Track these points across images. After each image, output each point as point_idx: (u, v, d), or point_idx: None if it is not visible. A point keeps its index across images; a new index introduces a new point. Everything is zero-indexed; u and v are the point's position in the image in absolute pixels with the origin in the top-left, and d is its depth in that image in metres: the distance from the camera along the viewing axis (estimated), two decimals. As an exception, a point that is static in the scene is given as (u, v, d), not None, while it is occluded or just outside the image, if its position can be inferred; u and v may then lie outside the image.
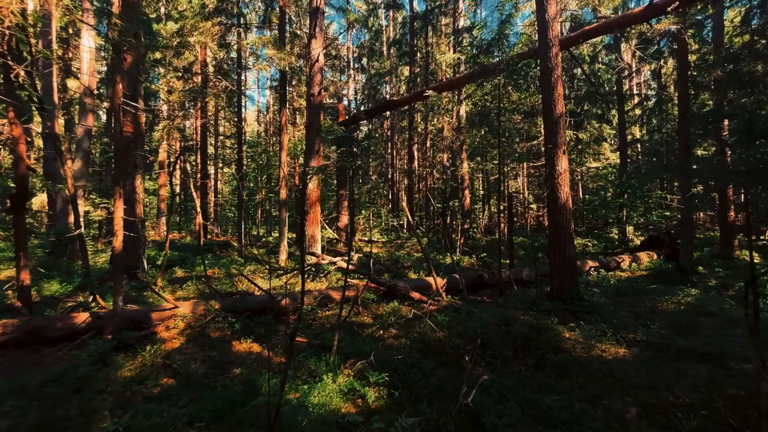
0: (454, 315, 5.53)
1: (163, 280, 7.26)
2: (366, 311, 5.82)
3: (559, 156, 6.45)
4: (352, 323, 5.27)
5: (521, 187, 22.27)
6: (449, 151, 15.47)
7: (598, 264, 9.88)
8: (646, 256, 11.34)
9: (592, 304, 6.00)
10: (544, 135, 6.79)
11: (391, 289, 6.42)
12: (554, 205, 6.41)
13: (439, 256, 11.69)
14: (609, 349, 4.60)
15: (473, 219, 13.85)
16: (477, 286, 7.96)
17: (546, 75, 6.67)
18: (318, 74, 8.59)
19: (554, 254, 6.36)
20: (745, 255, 12.70)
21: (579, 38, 7.65)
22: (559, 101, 6.54)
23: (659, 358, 4.37)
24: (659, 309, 6.06)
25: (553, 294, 6.32)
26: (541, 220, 23.44)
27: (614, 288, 7.47)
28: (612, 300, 6.78)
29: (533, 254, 13.20)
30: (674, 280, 8.65)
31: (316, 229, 8.25)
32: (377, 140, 21.52)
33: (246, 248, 12.89)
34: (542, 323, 5.03)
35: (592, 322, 5.43)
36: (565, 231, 6.27)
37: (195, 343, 4.46)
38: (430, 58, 17.03)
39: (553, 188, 6.43)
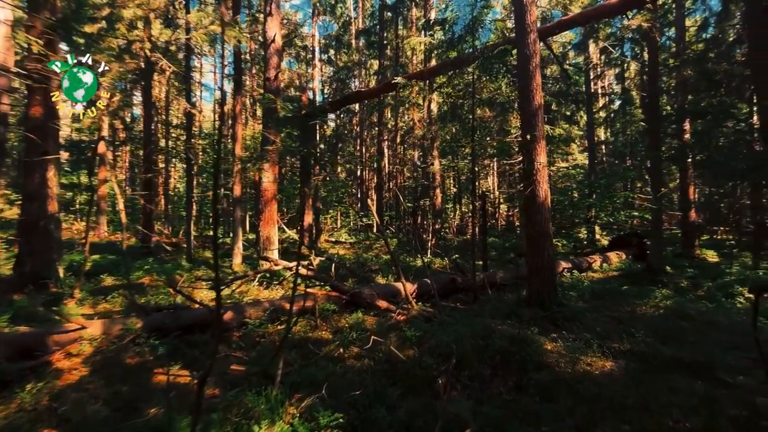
0: (425, 327, 4.96)
1: (82, 291, 6.18)
2: (325, 324, 5.13)
3: (537, 151, 6.07)
4: (308, 340, 4.57)
5: (492, 187, 22.33)
6: (420, 148, 15.03)
7: (571, 265, 9.73)
8: (616, 257, 11.41)
9: (572, 309, 5.65)
10: (521, 128, 6.40)
11: (354, 298, 5.76)
12: (532, 204, 6.01)
13: (409, 259, 11.16)
14: (595, 362, 4.20)
15: (445, 219, 13.48)
16: (450, 290, 7.47)
17: (524, 63, 6.27)
18: (275, 56, 7.77)
19: (532, 256, 5.96)
20: (705, 254, 13.17)
21: (555, 29, 7.40)
22: (538, 91, 6.16)
23: (648, 371, 4.02)
24: (638, 313, 5.82)
25: (531, 299, 5.92)
26: (511, 220, 23.64)
27: (590, 290, 7.23)
28: (590, 304, 6.49)
29: (506, 255, 13.05)
30: (645, 280, 8.61)
31: (272, 230, 7.44)
32: (345, 136, 20.80)
33: (197, 251, 11.75)
34: (522, 334, 4.58)
35: (573, 331, 5.05)
36: (543, 231, 5.88)
37: (102, 374, 3.59)
38: (400, 51, 16.54)
39: (531, 185, 6.03)
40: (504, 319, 5.44)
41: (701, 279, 8.57)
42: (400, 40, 15.21)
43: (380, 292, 6.33)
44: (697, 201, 14.62)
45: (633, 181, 19.19)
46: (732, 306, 6.60)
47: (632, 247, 12.22)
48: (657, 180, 9.88)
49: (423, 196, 13.98)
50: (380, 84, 10.53)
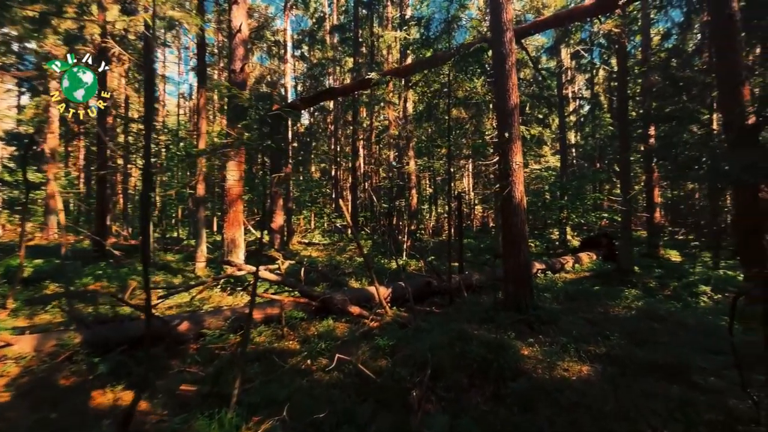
0: (399, 334, 4.75)
1: (17, 300, 5.54)
2: (292, 333, 4.81)
3: (513, 151, 6.00)
4: (273, 351, 4.24)
5: (467, 188, 22.52)
6: (396, 148, 14.89)
7: (545, 266, 9.84)
8: (587, 257, 11.68)
9: (548, 312, 5.61)
10: (498, 128, 6.33)
11: (325, 304, 5.47)
12: (508, 205, 5.94)
13: (384, 261, 10.95)
14: (572, 367, 4.13)
15: (420, 220, 13.38)
16: (425, 293, 7.31)
17: (500, 62, 6.20)
18: (241, 47, 7.35)
19: (508, 258, 5.88)
20: (668, 254, 13.74)
21: (531, 29, 7.43)
22: (514, 91, 6.10)
23: (624, 375, 3.98)
24: (612, 315, 5.86)
25: (508, 302, 5.84)
26: (486, 221, 23.96)
27: (564, 292, 7.27)
28: (564, 306, 6.51)
29: (481, 256, 13.10)
30: (615, 280, 8.81)
31: (237, 231, 7.01)
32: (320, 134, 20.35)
33: (157, 254, 11.03)
34: (499, 340, 4.45)
35: (550, 335, 4.99)
36: (519, 233, 5.82)
37: (29, 398, 3.14)
38: (376, 49, 16.34)
39: (508, 186, 5.96)
40: (480, 324, 5.32)
41: (667, 279, 8.84)
42: (375, 38, 15.01)
43: (353, 297, 6.06)
44: (661, 203, 15.26)
45: (602, 183, 19.86)
46: (697, 305, 6.83)
47: (602, 248, 12.56)
48: (626, 182, 10.15)
49: (398, 196, 13.83)
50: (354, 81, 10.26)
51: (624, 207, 9.17)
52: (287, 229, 13.77)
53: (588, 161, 23.07)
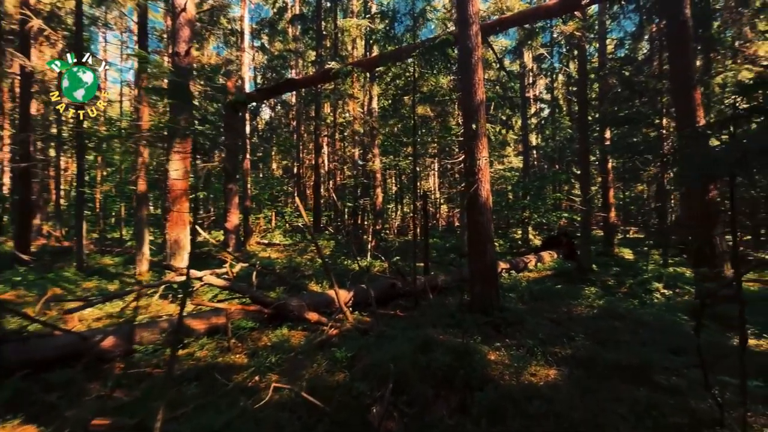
0: (360, 342, 4.43)
1: None
2: (241, 345, 4.34)
3: (479, 148, 5.87)
4: (216, 367, 3.77)
5: (433, 187, 22.63)
6: (360, 145, 14.56)
7: (509, 266, 9.92)
8: (549, 256, 11.95)
9: (514, 313, 5.52)
10: (463, 124, 6.18)
11: (279, 310, 5.04)
12: (474, 204, 5.80)
13: (348, 262, 10.59)
14: (539, 371, 4.01)
15: (386, 219, 13.14)
16: (389, 296, 7.05)
17: (465, 56, 6.04)
18: (186, 28, 6.69)
19: (474, 259, 5.74)
20: (622, 252, 14.44)
21: (496, 26, 7.40)
22: (480, 86, 5.97)
23: (591, 378, 3.91)
24: (575, 314, 5.88)
25: (474, 304, 5.69)
26: (452, 220, 24.22)
27: (529, 291, 7.28)
28: (529, 306, 6.49)
29: (447, 256, 13.08)
30: (576, 279, 9.02)
31: (182, 232, 6.36)
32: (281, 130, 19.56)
33: (92, 256, 9.96)
34: (465, 345, 4.26)
35: (516, 337, 4.89)
36: (485, 233, 5.69)
37: None
38: (340, 42, 15.90)
39: (474, 185, 5.81)
40: (446, 328, 5.13)
41: (624, 277, 9.17)
42: (339, 30, 14.59)
43: (311, 302, 5.67)
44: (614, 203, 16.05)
45: (561, 184, 20.64)
46: (651, 302, 7.07)
47: (562, 247, 12.93)
48: (586, 183, 10.47)
49: (363, 195, 13.50)
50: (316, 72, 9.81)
51: (584, 207, 9.41)
52: (244, 229, 13.02)
53: (548, 162, 23.97)
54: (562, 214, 15.10)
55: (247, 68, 13.96)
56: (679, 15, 6.57)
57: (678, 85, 6.66)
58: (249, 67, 18.79)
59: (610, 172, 15.43)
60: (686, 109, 6.40)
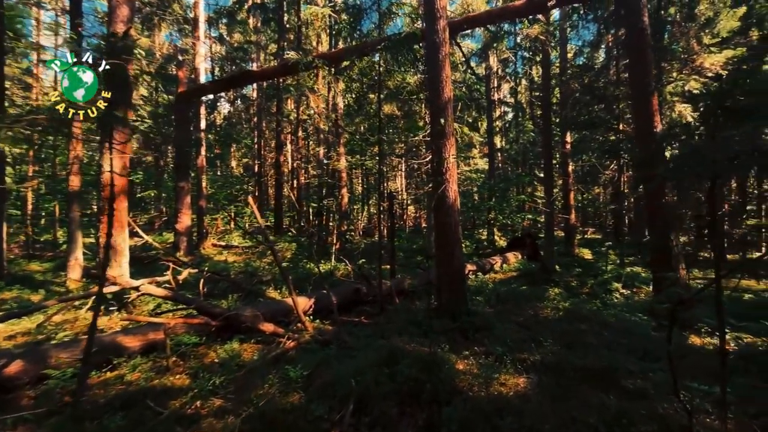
0: (320, 355, 4.10)
1: None
2: (183, 364, 3.87)
3: (447, 147, 5.72)
4: (151, 392, 3.30)
5: (400, 188, 22.55)
6: (325, 143, 14.12)
7: (476, 267, 9.92)
8: (513, 257, 12.15)
9: (482, 318, 5.40)
10: (431, 122, 6.01)
11: (231, 322, 4.59)
12: (441, 205, 5.64)
13: (310, 265, 10.15)
14: (508, 380, 3.87)
15: (351, 220, 12.81)
16: (354, 301, 6.74)
17: (432, 52, 5.88)
18: (124, 6, 6.01)
19: (442, 262, 5.57)
20: (582, 253, 15.02)
21: (464, 23, 7.33)
22: (447, 83, 5.82)
23: (560, 385, 3.82)
24: (541, 317, 5.87)
25: (441, 309, 5.52)
26: (418, 221, 24.26)
27: (495, 294, 7.24)
28: (496, 309, 6.43)
29: (413, 258, 12.95)
30: (540, 280, 9.17)
31: (120, 234, 5.68)
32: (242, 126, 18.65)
33: (17, 262, 8.84)
34: (433, 354, 4.06)
35: (484, 343, 4.75)
36: (453, 235, 5.54)
37: None
38: (304, 36, 15.38)
39: (441, 184, 5.65)
40: (413, 335, 4.91)
41: (585, 277, 9.43)
42: (303, 23, 14.08)
43: (268, 311, 5.25)
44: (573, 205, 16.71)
45: (524, 186, 21.25)
46: (611, 302, 7.26)
47: (526, 248, 13.21)
48: (549, 185, 10.70)
49: (328, 195, 13.09)
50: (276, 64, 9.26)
51: (548, 208, 9.59)
52: (198, 230, 12.18)
53: (512, 165, 24.66)
54: (526, 216, 15.46)
55: (203, 59, 13.11)
56: (638, 23, 6.78)
57: (637, 91, 6.87)
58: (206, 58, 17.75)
59: (570, 174, 16.03)
60: (645, 115, 6.60)
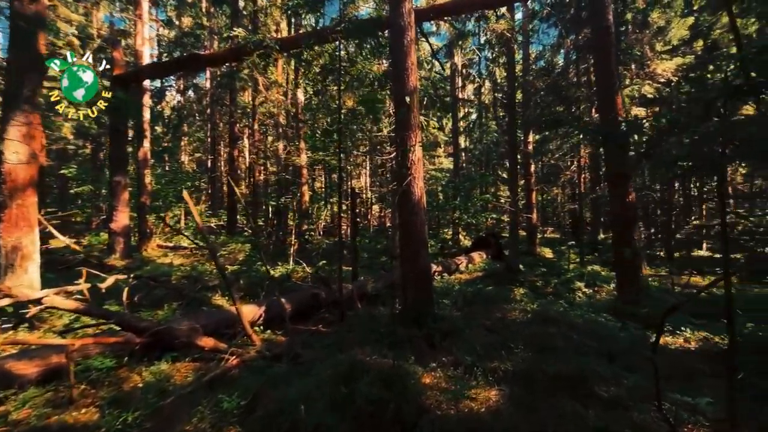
0: (268, 374, 3.57)
1: None
2: (95, 392, 3.19)
3: (412, 140, 5.34)
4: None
5: (364, 186, 22.11)
6: (284, 138, 13.38)
7: (441, 268, 9.69)
8: (478, 257, 12.09)
9: (449, 323, 5.08)
10: (395, 113, 5.62)
11: (161, 337, 3.92)
12: (406, 202, 5.26)
13: (265, 267, 9.45)
14: (479, 394, 3.56)
15: (312, 219, 12.20)
16: (312, 308, 6.21)
17: (397, 37, 5.49)
18: (37, -37, 5.11)
19: (407, 264, 5.20)
20: (543, 252, 15.35)
21: (430, 12, 7.02)
22: (413, 72, 5.46)
23: (533, 396, 3.55)
24: (510, 320, 5.65)
25: (406, 315, 5.14)
26: (383, 220, 23.94)
27: (462, 296, 6.99)
28: (464, 312, 6.15)
29: (378, 259, 12.56)
30: (505, 280, 9.08)
31: (27, 235, 4.74)
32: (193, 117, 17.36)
33: None
34: (397, 368, 3.66)
35: (452, 352, 4.43)
36: (419, 235, 5.18)
37: None
38: (260, 23, 14.51)
39: (406, 180, 5.27)
40: (376, 345, 4.49)
41: (549, 276, 9.48)
42: (259, 9, 13.25)
43: (210, 322, 4.62)
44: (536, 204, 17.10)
45: (487, 185, 21.54)
46: (574, 300, 7.26)
47: (491, 247, 13.24)
48: (514, 185, 10.70)
49: (286, 192, 12.38)
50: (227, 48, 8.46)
51: (513, 208, 9.54)
52: (140, 230, 11.04)
53: (476, 165, 24.98)
54: (489, 215, 15.54)
55: (146, 41, 11.92)
56: (603, 21, 6.79)
57: (602, 89, 6.87)
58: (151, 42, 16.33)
59: (532, 174, 16.35)
60: (609, 114, 6.61)
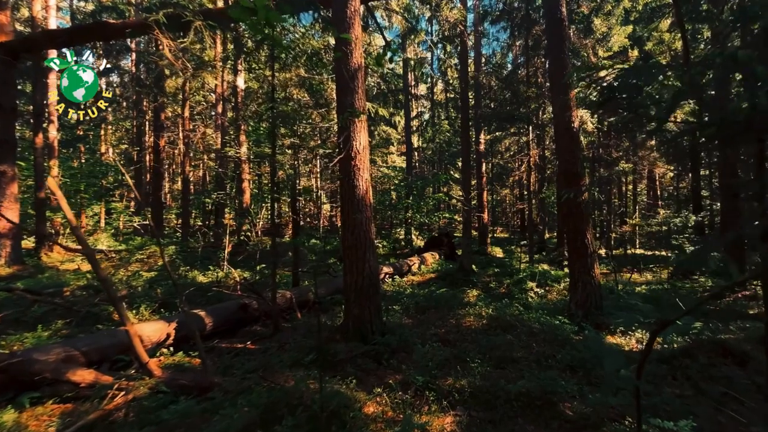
0: (165, 416, 2.71)
1: None
2: None
3: (357, 127, 4.68)
4: None
5: (315, 184, 21.09)
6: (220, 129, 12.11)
7: (392, 270, 9.14)
8: (431, 257, 11.72)
9: (399, 335, 4.48)
10: (337, 95, 4.91)
11: (14, 374, 2.90)
12: (351, 197, 4.58)
13: (194, 273, 8.30)
14: (432, 422, 2.99)
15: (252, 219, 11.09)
16: (240, 321, 5.30)
17: (339, 5, 4.80)
18: None
19: (351, 268, 4.51)
20: (494, 251, 15.42)
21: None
22: (357, 46, 4.80)
23: (494, 422, 3.03)
24: (465, 328, 5.19)
25: (349, 328, 4.46)
26: (334, 220, 23.04)
27: (414, 301, 6.46)
28: (416, 320, 5.62)
29: (326, 261, 11.74)
30: (459, 281, 8.74)
31: None
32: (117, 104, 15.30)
33: None
34: (333, 394, 2.98)
35: (402, 370, 3.82)
36: (364, 235, 4.51)
37: None
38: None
39: (349, 172, 4.59)
40: (310, 367, 3.77)
41: (501, 276, 9.28)
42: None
43: (97, 347, 3.62)
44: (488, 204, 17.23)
45: (440, 185, 21.48)
46: (527, 301, 6.98)
47: (444, 247, 12.96)
48: (467, 183, 10.43)
49: (222, 188, 11.16)
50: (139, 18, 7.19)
51: (466, 206, 9.23)
52: (37, 231, 9.28)
53: (429, 164, 24.92)
54: (442, 214, 15.30)
55: (50, 8, 10.12)
56: (557, 13, 6.59)
57: (555, 81, 6.68)
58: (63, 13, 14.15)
59: (484, 174, 16.41)
60: (563, 105, 6.41)
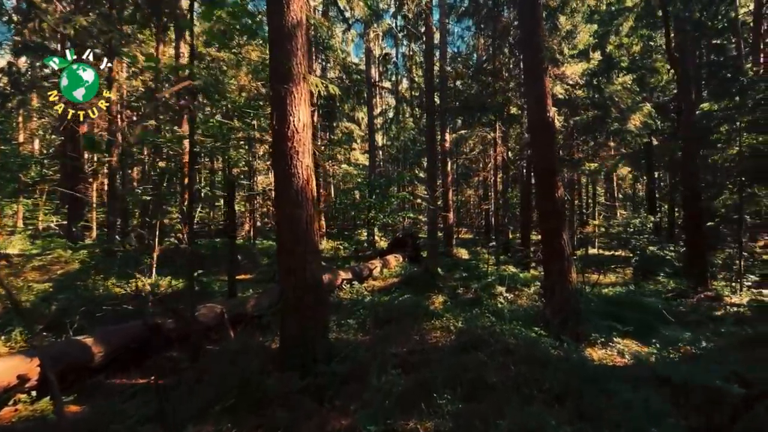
0: None
1: None
2: None
3: (294, 97, 3.71)
4: None
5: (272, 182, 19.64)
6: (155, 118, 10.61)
7: (351, 275, 8.19)
8: (394, 259, 10.92)
9: (350, 361, 3.57)
10: (270, 57, 3.92)
11: None
12: (286, 189, 3.61)
13: (110, 282, 6.94)
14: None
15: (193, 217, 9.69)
16: (149, 346, 4.15)
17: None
18: None
19: (287, 277, 3.55)
20: (459, 252, 14.90)
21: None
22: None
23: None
24: (431, 346, 4.37)
25: (286, 354, 3.49)
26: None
27: (373, 312, 5.55)
28: (372, 336, 4.72)
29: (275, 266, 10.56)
30: (424, 286, 8.00)
31: None
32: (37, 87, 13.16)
33: None
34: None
35: (349, 413, 2.92)
36: (305, 235, 3.55)
37: None
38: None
39: (285, 156, 3.61)
40: (228, 412, 2.77)
41: (468, 280, 8.64)
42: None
43: None
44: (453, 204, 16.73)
45: (404, 184, 20.77)
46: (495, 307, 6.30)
47: (407, 248, 12.21)
48: (433, 182, 9.74)
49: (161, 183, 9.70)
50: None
51: (432, 206, 8.51)
52: None
53: (393, 163, 24.18)
54: (407, 214, 14.56)
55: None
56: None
57: (530, 68, 6.10)
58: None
59: (449, 173, 15.87)
60: (537, 95, 5.83)
